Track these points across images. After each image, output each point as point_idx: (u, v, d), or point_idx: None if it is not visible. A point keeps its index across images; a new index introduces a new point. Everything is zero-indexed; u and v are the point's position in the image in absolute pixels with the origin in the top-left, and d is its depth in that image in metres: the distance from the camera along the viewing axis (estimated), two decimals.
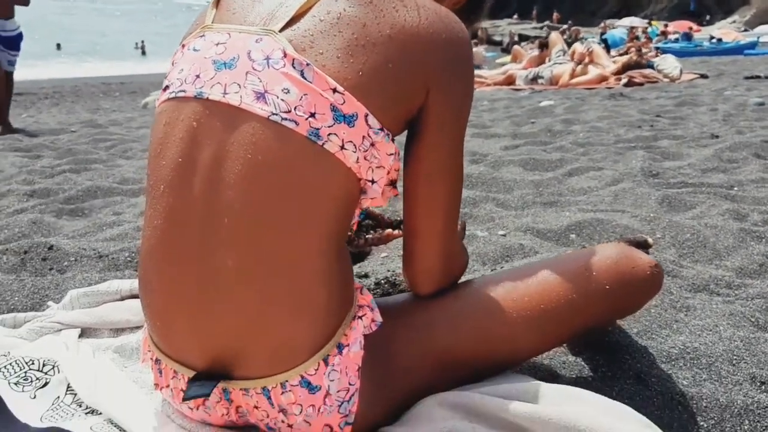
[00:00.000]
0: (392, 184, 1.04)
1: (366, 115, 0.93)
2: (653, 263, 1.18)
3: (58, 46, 22.57)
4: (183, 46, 1.04)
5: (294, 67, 0.92)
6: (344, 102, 0.92)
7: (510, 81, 8.82)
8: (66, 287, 1.71)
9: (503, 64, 11.75)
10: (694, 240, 1.98)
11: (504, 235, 2.06)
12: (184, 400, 0.96)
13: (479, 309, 1.08)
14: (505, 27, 29.22)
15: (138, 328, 1.47)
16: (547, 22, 30.25)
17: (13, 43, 5.73)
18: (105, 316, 1.48)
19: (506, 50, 21.20)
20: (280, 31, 0.95)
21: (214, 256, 0.93)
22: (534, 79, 8.44)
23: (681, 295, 1.58)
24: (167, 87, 1.02)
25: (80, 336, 1.44)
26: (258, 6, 1.01)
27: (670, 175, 2.84)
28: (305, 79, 0.92)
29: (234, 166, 0.92)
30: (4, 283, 1.73)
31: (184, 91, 0.98)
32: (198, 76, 0.97)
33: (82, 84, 15.18)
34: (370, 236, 1.49)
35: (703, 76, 8.50)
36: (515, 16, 32.94)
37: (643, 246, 1.58)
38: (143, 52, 27.54)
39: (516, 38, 24.40)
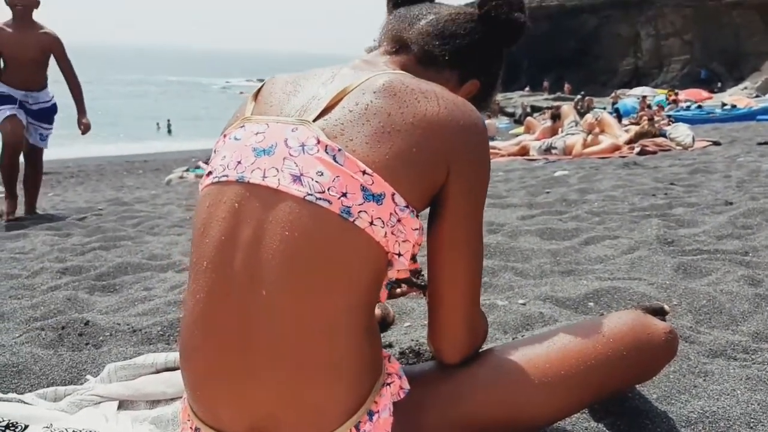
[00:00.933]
0: (413, 258, 1.12)
1: (393, 194, 1.02)
2: (668, 329, 1.23)
3: None
4: (224, 135, 1.15)
5: (327, 153, 1.02)
6: (373, 183, 1.01)
7: (524, 152, 8.99)
8: (102, 361, 1.79)
9: (516, 135, 11.96)
10: (710, 306, 2.02)
11: (524, 304, 2.12)
12: None
13: (502, 376, 1.14)
14: (517, 99, 29.77)
15: (173, 399, 1.53)
16: (558, 94, 30.81)
17: (46, 115, 5.10)
18: (142, 388, 1.54)
19: (519, 121, 21.57)
20: (314, 121, 1.06)
21: (253, 327, 1.00)
22: (548, 150, 8.59)
23: (699, 360, 1.62)
24: (210, 173, 1.12)
25: (118, 408, 1.51)
26: (293, 99, 1.12)
27: (685, 243, 2.90)
28: (337, 162, 1.01)
29: (272, 242, 1.00)
30: (43, 358, 1.80)
31: (226, 175, 1.07)
32: (239, 162, 1.07)
33: (106, 162, 15.60)
34: (398, 290, 1.58)
35: (716, 144, 8.61)
36: (527, 89, 33.60)
37: (660, 313, 1.63)
38: (169, 131, 28.30)
39: (528, 109, 24.84)
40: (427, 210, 1.13)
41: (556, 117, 9.81)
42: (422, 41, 1.24)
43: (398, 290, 1.57)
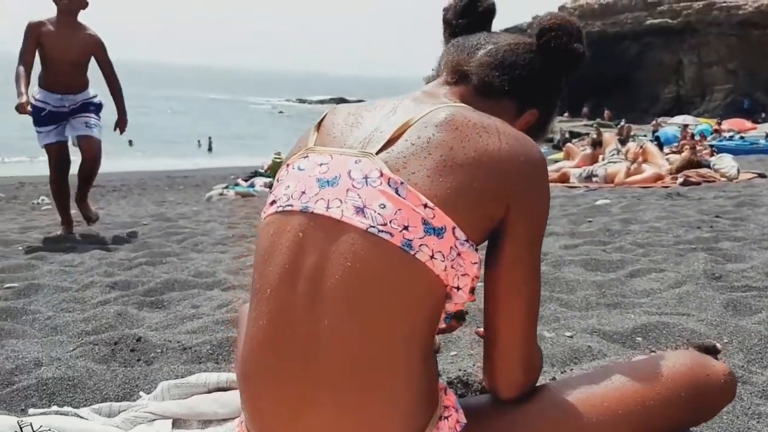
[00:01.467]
0: (471, 290, 1.13)
1: (453, 228, 1.03)
2: (727, 371, 1.22)
3: (130, 142, 23.78)
4: (288, 165, 1.18)
5: (389, 185, 1.04)
6: (434, 216, 1.03)
7: (564, 179, 8.93)
8: (154, 378, 1.82)
9: (556, 161, 11.89)
10: (762, 345, 1.99)
11: (571, 337, 2.11)
12: None
13: (559, 413, 1.14)
14: (556, 124, 29.59)
15: (225, 420, 1.56)
16: (597, 120, 30.55)
17: (89, 107, 4.71)
18: (195, 407, 1.57)
19: (557, 147, 21.43)
20: (377, 153, 1.08)
21: (313, 355, 1.02)
22: (588, 177, 8.53)
23: (752, 401, 1.59)
24: (274, 201, 1.15)
25: (172, 426, 1.54)
26: (356, 131, 1.14)
27: (733, 278, 2.85)
28: (399, 195, 1.03)
29: (334, 272, 1.03)
30: (97, 372, 1.85)
31: (291, 205, 1.10)
32: (304, 192, 1.09)
33: (148, 177, 15.88)
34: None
35: (762, 176, 8.46)
36: (566, 114, 33.41)
37: (712, 351, 1.61)
38: (210, 148, 28.81)
39: (567, 135, 24.68)
40: (485, 243, 1.14)
41: (596, 144, 9.75)
42: (482, 72, 1.25)
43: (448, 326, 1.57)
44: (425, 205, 1.03)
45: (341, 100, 72.38)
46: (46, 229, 5.34)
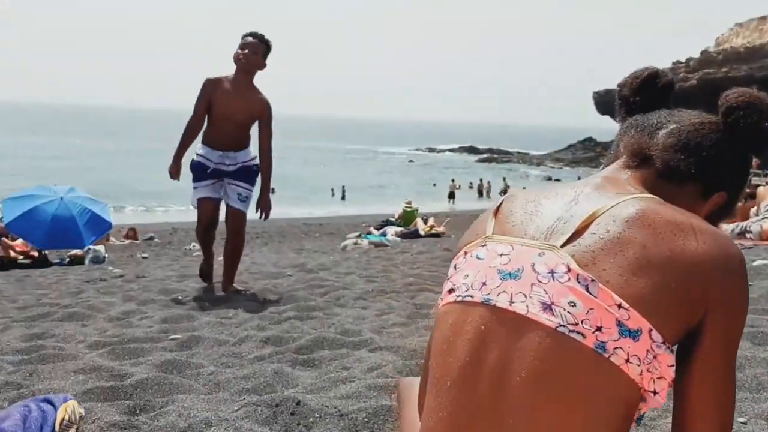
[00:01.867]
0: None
1: (650, 330, 0.99)
2: None
3: (273, 190, 25.18)
4: (465, 252, 1.18)
5: (579, 282, 1.02)
6: (629, 318, 0.99)
7: None
8: None
9: None
10: None
11: (744, 423, 1.96)
12: None
13: None
14: None
15: None
16: None
17: (245, 174, 4.75)
18: None
19: None
20: (562, 246, 1.06)
21: None
22: (741, 234, 7.97)
23: None
24: (452, 290, 1.15)
25: None
26: (536, 220, 1.13)
27: None
28: (590, 293, 1.01)
29: (519, 370, 1.01)
30: None
31: (471, 296, 1.10)
32: (484, 284, 1.09)
33: (285, 224, 16.61)
34: None
35: None
36: None
37: None
38: (343, 197, 29.82)
39: None
40: None
41: (748, 196, 9.13)
42: (666, 156, 1.20)
43: None
44: (619, 306, 0.99)
45: (471, 149, 72.86)
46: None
